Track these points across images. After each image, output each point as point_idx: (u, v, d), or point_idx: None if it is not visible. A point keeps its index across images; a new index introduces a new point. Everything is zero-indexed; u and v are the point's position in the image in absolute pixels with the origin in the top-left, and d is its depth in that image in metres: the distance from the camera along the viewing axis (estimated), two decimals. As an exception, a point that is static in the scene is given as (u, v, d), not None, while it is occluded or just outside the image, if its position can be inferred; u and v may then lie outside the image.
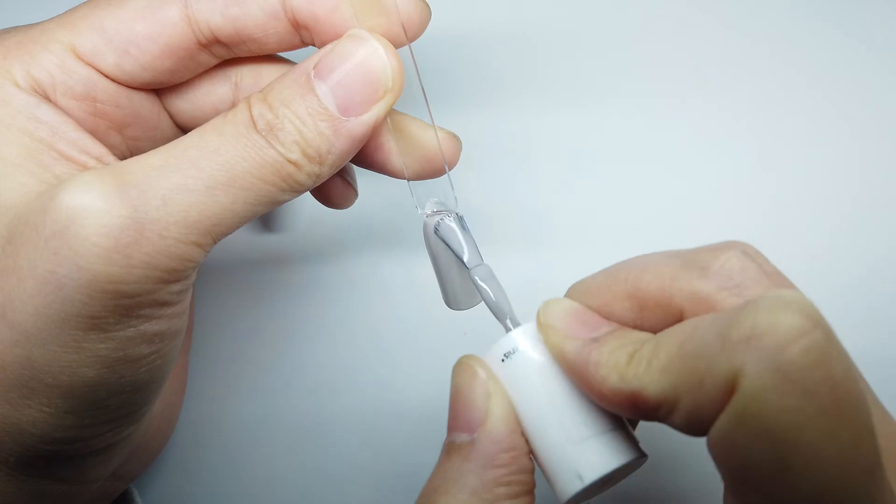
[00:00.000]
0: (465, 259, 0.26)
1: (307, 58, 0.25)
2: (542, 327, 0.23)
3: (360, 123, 0.25)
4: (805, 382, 0.18)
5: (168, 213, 0.23)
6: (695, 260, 0.23)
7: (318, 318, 0.36)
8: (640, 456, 0.23)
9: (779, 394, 0.18)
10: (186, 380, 0.35)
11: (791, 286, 0.22)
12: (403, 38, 0.26)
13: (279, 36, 0.26)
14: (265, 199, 0.24)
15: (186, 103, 0.28)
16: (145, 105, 0.27)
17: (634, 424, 0.25)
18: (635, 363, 0.21)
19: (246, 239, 0.36)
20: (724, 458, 0.20)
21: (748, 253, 0.22)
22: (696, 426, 0.20)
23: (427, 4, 0.27)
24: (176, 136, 0.27)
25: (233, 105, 0.28)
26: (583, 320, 0.23)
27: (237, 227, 0.24)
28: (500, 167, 0.36)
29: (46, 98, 0.25)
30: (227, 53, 0.27)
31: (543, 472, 0.23)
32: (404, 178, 0.28)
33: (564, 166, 0.36)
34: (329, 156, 0.25)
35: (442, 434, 0.35)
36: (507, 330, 0.25)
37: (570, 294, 0.25)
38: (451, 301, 0.28)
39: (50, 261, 0.22)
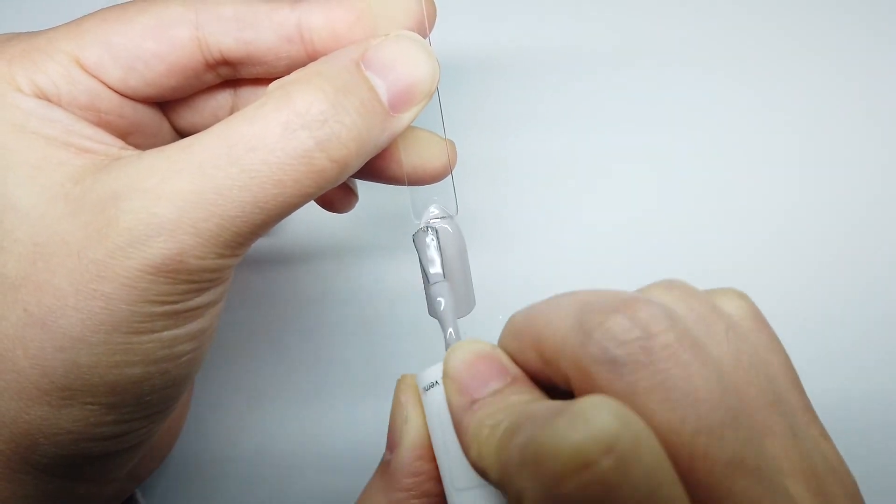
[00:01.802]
0: (430, 272, 0.26)
1: (344, 49, 0.25)
2: (444, 375, 0.23)
3: (401, 122, 0.25)
4: None
5: (203, 239, 0.23)
6: (584, 322, 0.20)
7: (317, 322, 0.36)
8: None
9: None
10: (195, 379, 0.35)
11: (687, 360, 0.19)
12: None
13: (290, 60, 0.26)
14: (298, 205, 0.24)
15: (186, 110, 0.28)
16: (147, 114, 0.27)
17: None
18: (488, 441, 0.20)
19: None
20: None
21: (639, 318, 0.19)
22: None
23: (434, 5, 0.27)
24: (175, 140, 0.27)
25: (232, 110, 0.28)
26: (479, 371, 0.22)
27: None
28: (489, 185, 0.36)
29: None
30: (233, 73, 0.27)
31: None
32: (402, 184, 0.28)
33: (555, 184, 0.36)
34: (371, 153, 0.25)
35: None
36: (446, 345, 0.25)
37: (504, 328, 0.23)
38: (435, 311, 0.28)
39: (94, 281, 0.23)
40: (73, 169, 0.24)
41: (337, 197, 0.31)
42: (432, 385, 0.23)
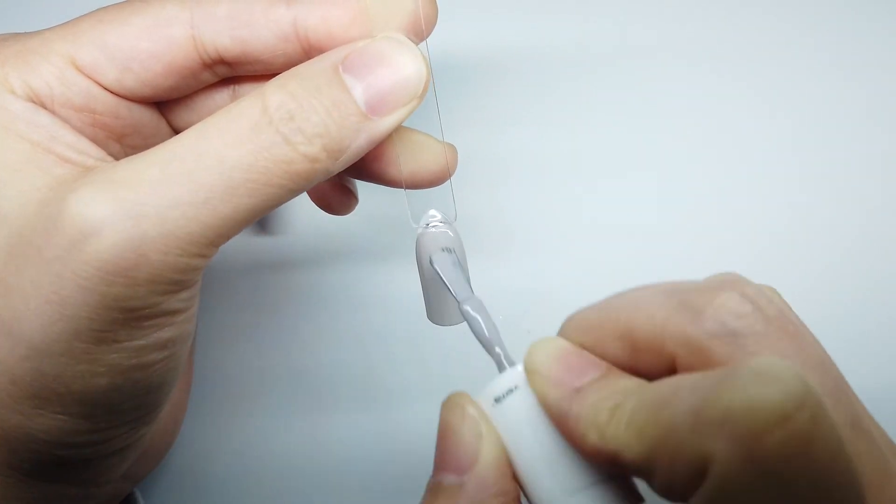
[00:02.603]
0: (455, 292, 0.25)
1: (329, 52, 0.25)
2: (528, 373, 0.22)
3: (382, 124, 0.24)
4: (783, 475, 0.16)
5: (167, 230, 0.22)
6: (689, 301, 0.21)
7: (317, 324, 0.36)
8: (637, 501, 0.22)
9: (752, 487, 0.17)
10: (192, 379, 0.35)
11: (795, 332, 0.20)
12: (418, 41, 0.26)
13: (287, 57, 0.26)
14: (269, 202, 0.24)
15: (185, 111, 0.28)
16: (144, 115, 0.27)
17: None
18: (615, 422, 0.20)
19: (244, 241, 0.36)
20: None
21: (747, 294, 0.21)
22: (672, 496, 0.19)
23: (436, 5, 0.26)
24: None
25: None
26: (570, 364, 0.22)
27: (239, 232, 0.24)
28: (489, 185, 0.36)
29: (43, 107, 0.25)
30: (230, 72, 0.27)
31: None
32: (401, 188, 0.27)
33: (554, 184, 0.36)
34: (347, 153, 0.24)
35: (424, 447, 0.35)
36: (499, 366, 0.24)
37: (563, 328, 0.23)
38: (434, 316, 0.28)
39: (54, 283, 0.22)
40: (51, 178, 0.24)
41: (336, 198, 0.31)
42: (509, 392, 0.22)
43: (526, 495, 0.23)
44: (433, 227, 0.27)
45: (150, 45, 0.25)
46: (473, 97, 0.36)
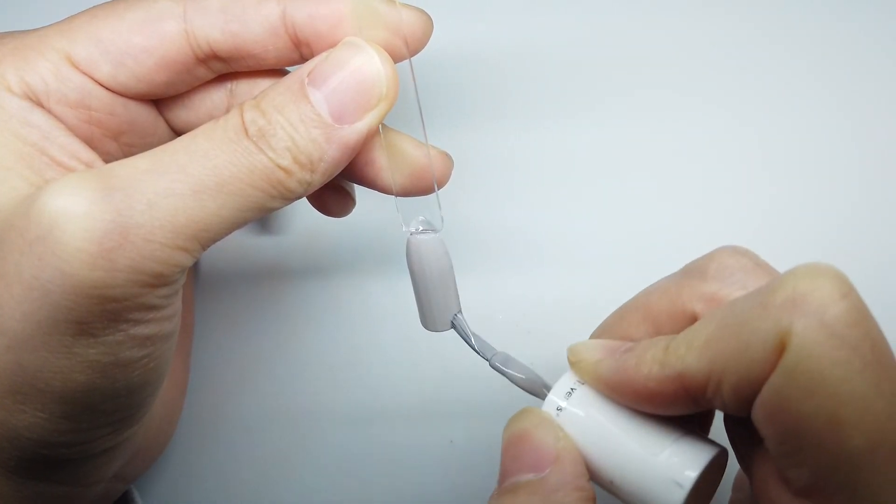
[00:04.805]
0: (482, 352, 0.27)
1: (302, 65, 0.25)
2: (574, 365, 0.24)
3: (353, 131, 0.24)
4: (850, 338, 0.20)
5: (154, 216, 0.22)
6: (692, 270, 0.24)
7: (315, 323, 0.36)
8: (722, 449, 0.24)
9: (827, 348, 0.20)
10: (188, 380, 0.35)
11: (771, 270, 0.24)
12: (404, 51, 0.26)
13: (278, 52, 0.26)
14: (254, 205, 0.24)
15: (182, 109, 0.28)
16: (141, 113, 0.27)
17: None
18: (673, 349, 0.22)
19: (243, 241, 0.37)
20: (774, 419, 0.21)
21: (738, 251, 0.24)
22: (743, 394, 0.21)
23: (430, 18, 0.26)
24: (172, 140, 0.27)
25: (228, 108, 0.28)
26: (609, 346, 0.24)
27: (226, 234, 0.24)
28: (488, 186, 0.36)
29: (39, 104, 0.25)
30: (225, 68, 0.27)
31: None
32: (392, 194, 0.27)
33: (552, 184, 0.36)
34: (321, 163, 0.24)
35: (425, 448, 0.35)
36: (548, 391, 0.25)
37: (594, 336, 0.26)
38: (427, 322, 0.28)
39: (34, 266, 0.22)
40: (41, 179, 0.24)
41: (333, 200, 0.31)
42: (567, 395, 0.24)
43: (610, 482, 0.24)
44: (422, 233, 0.27)
45: (142, 40, 0.25)
46: (472, 101, 0.36)
